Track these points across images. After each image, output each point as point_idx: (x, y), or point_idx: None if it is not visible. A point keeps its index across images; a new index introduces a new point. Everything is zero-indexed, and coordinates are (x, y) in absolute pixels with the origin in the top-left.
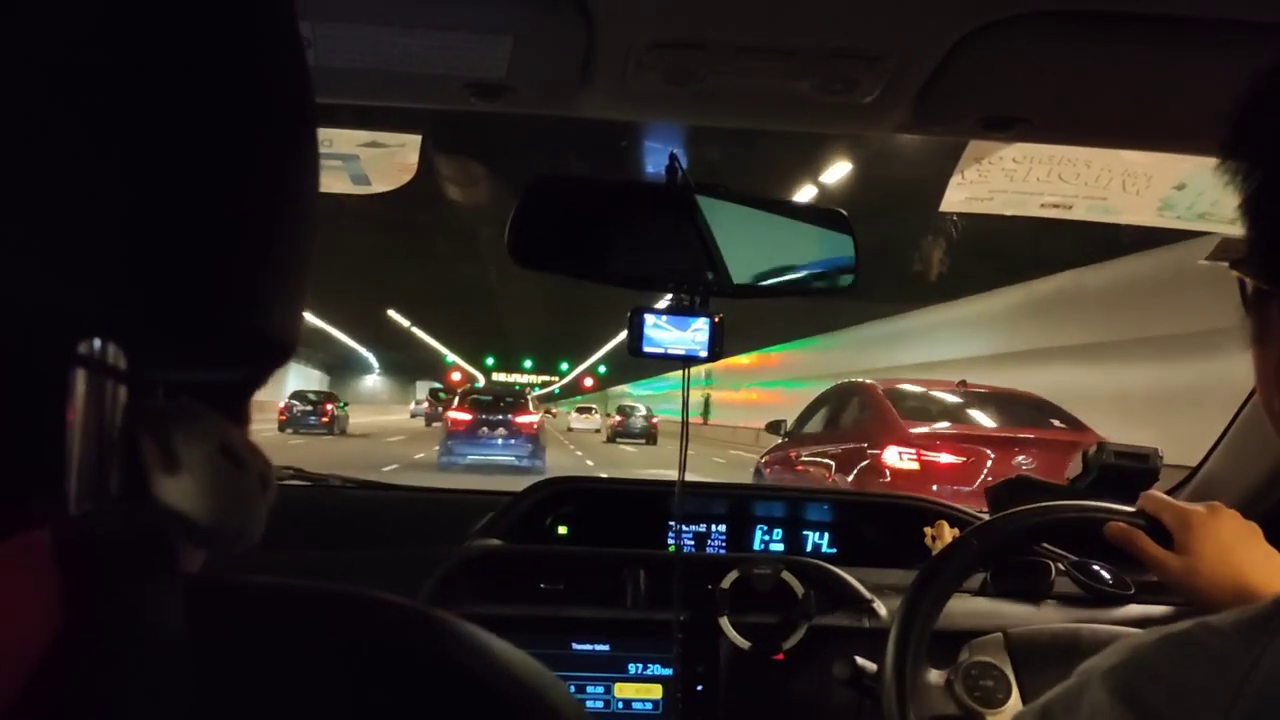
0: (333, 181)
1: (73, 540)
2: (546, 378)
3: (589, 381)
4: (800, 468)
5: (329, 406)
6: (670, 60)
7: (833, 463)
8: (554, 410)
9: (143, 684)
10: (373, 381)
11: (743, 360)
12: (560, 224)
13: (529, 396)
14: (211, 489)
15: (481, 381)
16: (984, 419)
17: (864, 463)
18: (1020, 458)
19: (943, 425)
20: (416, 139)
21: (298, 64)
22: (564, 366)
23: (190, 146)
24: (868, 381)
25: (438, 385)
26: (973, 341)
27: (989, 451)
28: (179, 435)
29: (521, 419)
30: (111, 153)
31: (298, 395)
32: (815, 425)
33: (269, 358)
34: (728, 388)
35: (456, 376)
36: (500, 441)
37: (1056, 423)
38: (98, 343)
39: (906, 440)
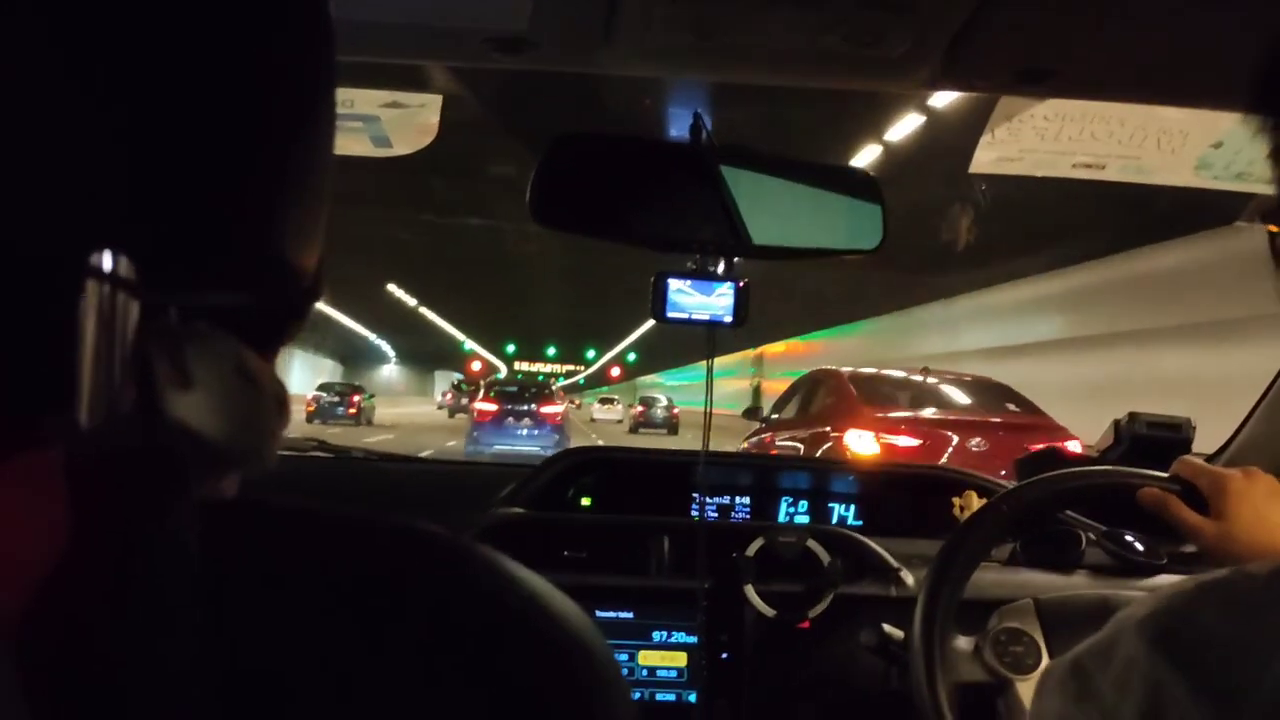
0: (352, 144)
1: (84, 457)
2: (570, 367)
3: (616, 371)
4: (774, 452)
5: (356, 398)
6: (695, 12)
7: (801, 446)
8: (576, 401)
9: (152, 600)
10: (389, 372)
11: (797, 346)
12: (583, 183)
13: (554, 387)
14: (225, 407)
15: (503, 371)
16: (942, 404)
17: (826, 445)
18: (975, 440)
19: (902, 410)
20: (437, 99)
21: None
22: (590, 354)
23: (200, 59)
24: (835, 369)
25: (458, 376)
26: (1053, 322)
27: (946, 433)
28: (193, 353)
29: (546, 409)
30: (119, 64)
31: (325, 387)
32: (789, 411)
33: (283, 284)
34: (779, 376)
35: (476, 366)
36: (525, 431)
37: (1012, 407)
38: (109, 256)
39: (866, 424)
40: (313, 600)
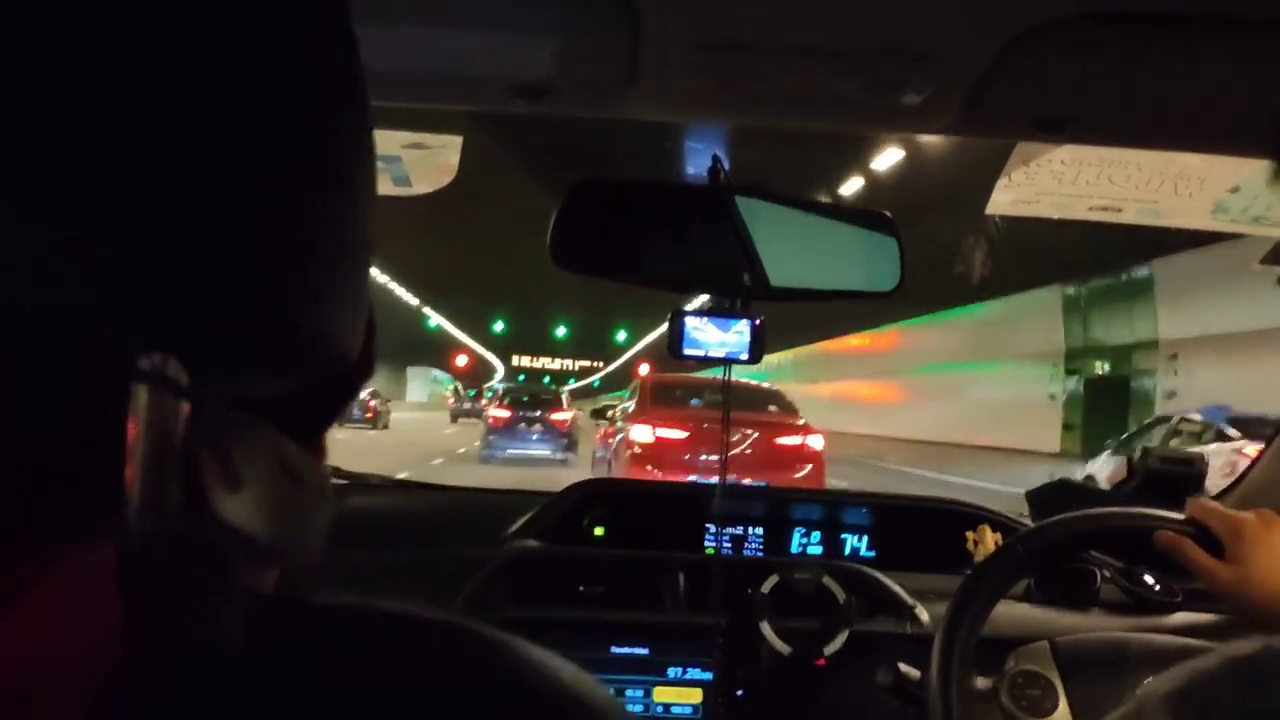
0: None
1: (133, 558)
2: (586, 363)
3: (645, 368)
4: (610, 443)
5: (372, 403)
6: (717, 61)
7: (616, 437)
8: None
9: (203, 703)
10: None
11: (852, 342)
12: (602, 227)
13: (563, 395)
14: (270, 506)
15: (499, 368)
16: (718, 404)
17: (620, 436)
18: (747, 431)
19: (680, 409)
20: (458, 140)
21: (350, 59)
22: (621, 336)
23: (234, 148)
24: (647, 375)
25: (436, 371)
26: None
27: (712, 427)
28: (238, 450)
29: (556, 416)
30: (152, 159)
31: None
32: (620, 410)
33: (329, 364)
34: (828, 378)
35: (463, 361)
36: (536, 437)
37: (773, 408)
38: (156, 355)
39: (648, 419)
40: (356, 704)
